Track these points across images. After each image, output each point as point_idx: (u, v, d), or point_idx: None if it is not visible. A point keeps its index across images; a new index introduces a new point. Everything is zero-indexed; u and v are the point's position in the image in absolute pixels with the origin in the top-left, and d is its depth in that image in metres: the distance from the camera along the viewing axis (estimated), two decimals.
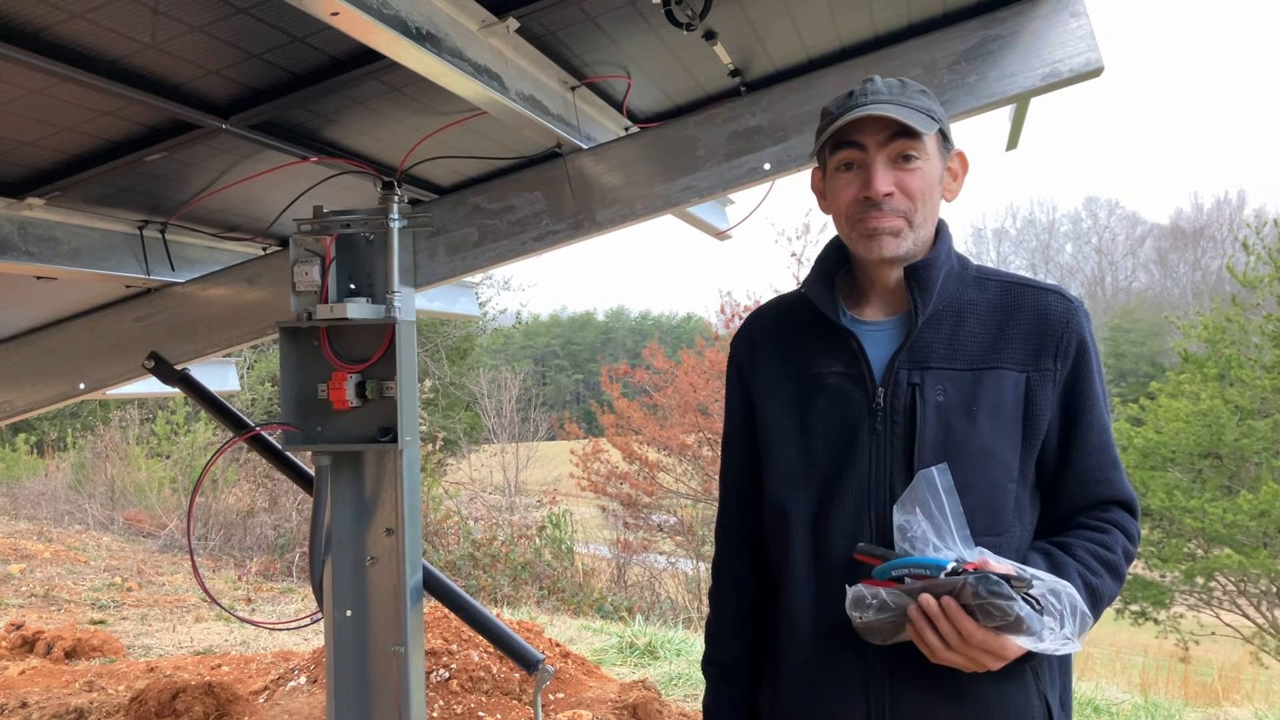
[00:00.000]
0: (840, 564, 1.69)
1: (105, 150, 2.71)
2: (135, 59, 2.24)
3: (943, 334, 1.73)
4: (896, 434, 1.69)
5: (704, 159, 3.03)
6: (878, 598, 1.56)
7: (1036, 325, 1.72)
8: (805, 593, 1.74)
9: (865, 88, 1.72)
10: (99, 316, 3.72)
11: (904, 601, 1.55)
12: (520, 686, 5.57)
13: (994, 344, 1.72)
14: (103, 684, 6.19)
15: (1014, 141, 3.69)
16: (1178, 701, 7.37)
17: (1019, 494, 1.69)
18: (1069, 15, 2.75)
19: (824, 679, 1.71)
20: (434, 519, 13.43)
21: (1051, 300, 1.75)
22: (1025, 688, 1.67)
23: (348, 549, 3.01)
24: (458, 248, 3.20)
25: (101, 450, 17.69)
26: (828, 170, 1.79)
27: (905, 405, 1.69)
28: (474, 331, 24.25)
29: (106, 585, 10.82)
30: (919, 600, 1.53)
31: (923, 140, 1.70)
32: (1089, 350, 1.74)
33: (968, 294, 1.76)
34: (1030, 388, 1.70)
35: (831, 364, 1.77)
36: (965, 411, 1.68)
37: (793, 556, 1.76)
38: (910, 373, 1.70)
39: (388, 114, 2.82)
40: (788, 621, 1.76)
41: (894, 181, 1.70)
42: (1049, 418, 1.70)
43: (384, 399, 2.91)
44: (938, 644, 1.52)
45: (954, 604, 1.50)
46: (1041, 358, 1.71)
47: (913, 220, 1.72)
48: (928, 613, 1.52)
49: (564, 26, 2.60)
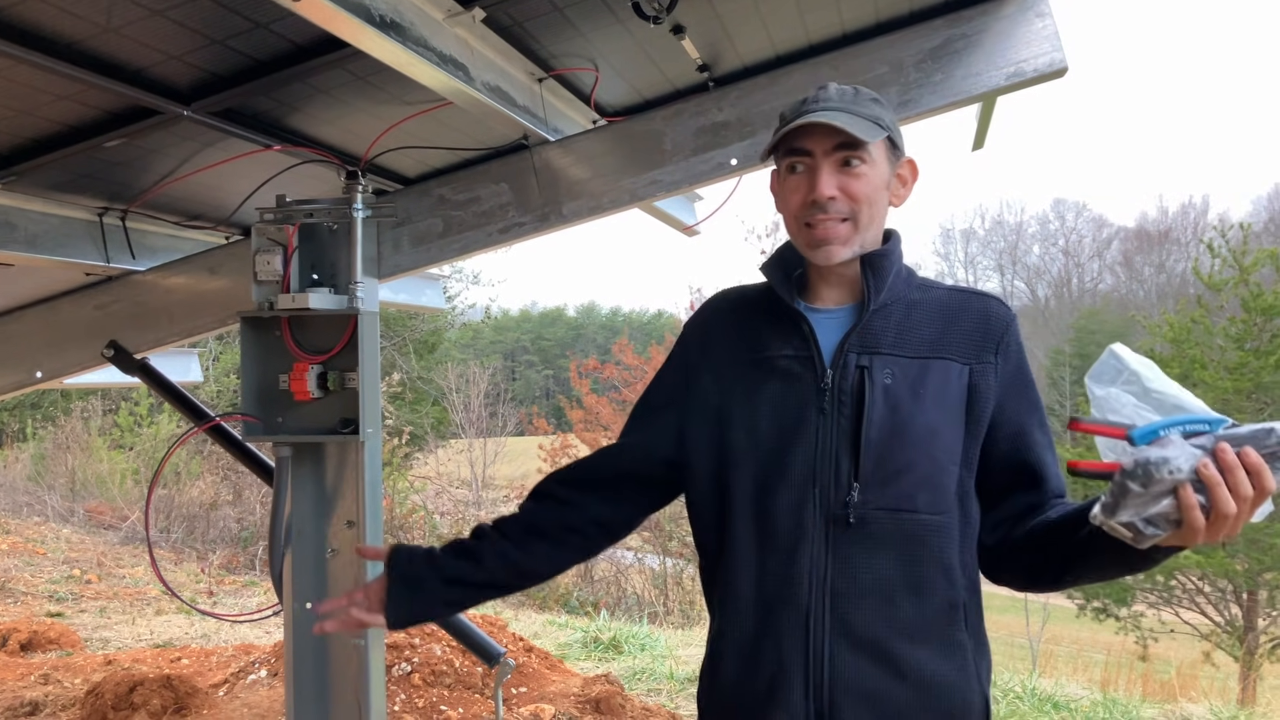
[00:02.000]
0: (783, 535, 1.71)
1: (64, 135, 2.66)
2: (94, 42, 2.21)
3: (891, 324, 1.78)
4: (844, 414, 1.72)
5: (671, 154, 3.03)
6: (1185, 450, 1.42)
7: (979, 324, 1.79)
8: (747, 566, 1.75)
9: (818, 95, 1.78)
10: (57, 304, 3.67)
11: (1201, 457, 1.42)
12: (483, 681, 5.55)
13: (939, 338, 1.77)
14: (59, 677, 6.12)
15: (980, 141, 3.71)
16: (1136, 698, 7.47)
17: (962, 478, 1.73)
18: (1034, 15, 2.77)
19: (763, 652, 1.72)
20: (400, 513, 13.37)
21: (993, 304, 1.83)
22: (965, 672, 1.71)
23: (308, 541, 2.99)
24: (422, 239, 3.19)
25: (62, 441, 17.45)
26: (779, 174, 1.85)
27: (853, 387, 1.73)
28: (443, 325, 24.13)
29: (65, 578, 10.69)
30: (1218, 452, 1.41)
31: (867, 148, 1.75)
32: (1024, 356, 1.82)
33: (914, 295, 1.83)
34: (973, 379, 1.75)
35: (783, 347, 1.80)
36: (912, 394, 1.72)
37: (735, 529, 1.77)
38: (859, 356, 1.74)
39: (352, 103, 2.80)
40: (730, 595, 1.78)
41: (838, 185, 1.75)
42: (990, 409, 1.75)
43: (346, 390, 2.90)
44: (1229, 501, 1.41)
45: (1257, 455, 1.41)
46: (984, 353, 1.77)
47: (858, 221, 1.76)
48: (1225, 465, 1.41)
49: (531, 18, 2.59)
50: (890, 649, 1.66)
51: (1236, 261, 16.86)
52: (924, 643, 1.69)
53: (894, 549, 1.69)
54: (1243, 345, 16.39)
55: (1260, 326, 16.37)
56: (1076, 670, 9.21)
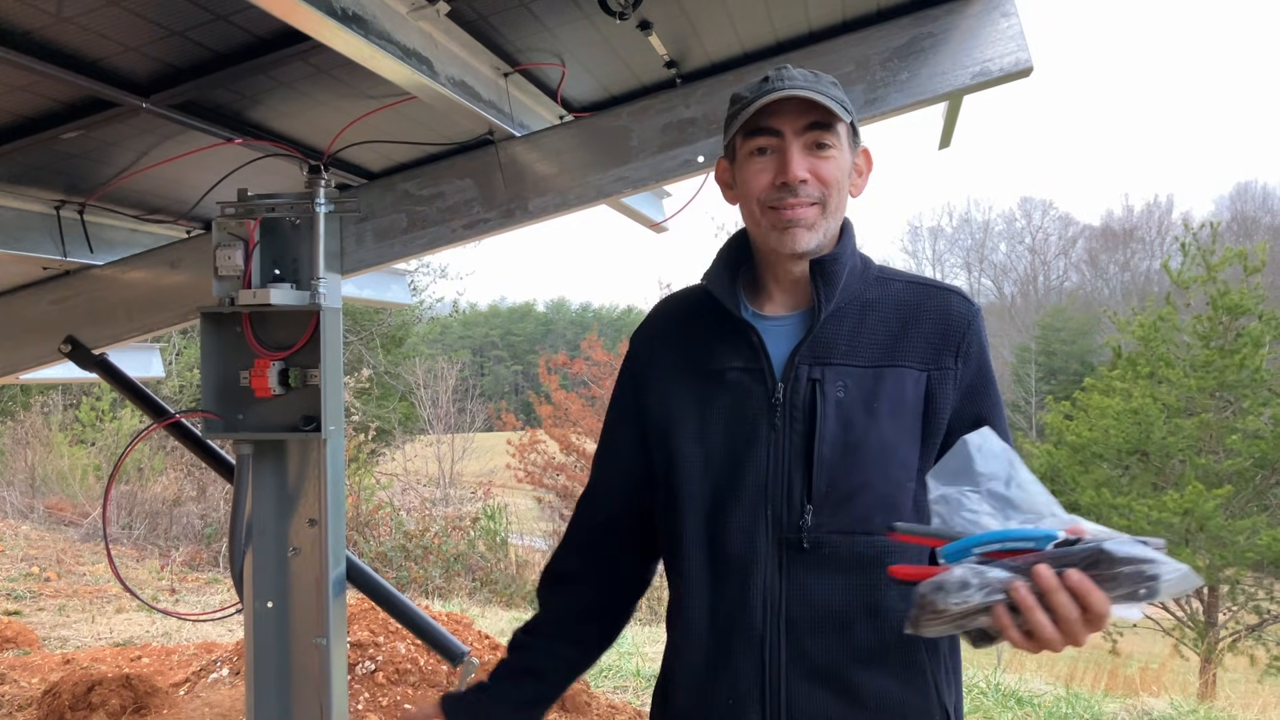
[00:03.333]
0: (735, 560, 1.66)
1: (18, 126, 2.61)
2: (49, 32, 2.16)
3: (845, 330, 1.71)
4: (796, 430, 1.66)
5: (637, 150, 3.02)
6: (981, 577, 1.33)
7: (938, 325, 1.71)
8: (700, 590, 1.70)
9: (780, 74, 1.69)
10: (12, 299, 3.60)
11: (1007, 579, 1.33)
12: (448, 679, 5.52)
13: (895, 342, 1.70)
14: (15, 676, 6.03)
15: (946, 140, 3.72)
16: (1099, 693, 7.54)
17: (918, 493, 1.66)
18: (1000, 15, 2.78)
19: (718, 679, 1.67)
20: (365, 510, 13.29)
21: (954, 301, 1.75)
22: (927, 695, 1.66)
23: (269, 540, 2.96)
24: (386, 234, 3.15)
25: (21, 436, 17.21)
26: (738, 158, 1.75)
27: (805, 401, 1.66)
28: (410, 320, 24.01)
29: (24, 575, 10.55)
30: (1033, 574, 1.32)
31: (836, 130, 1.69)
32: (987, 354, 1.74)
33: (870, 292, 1.75)
34: (930, 386, 1.68)
35: (731, 359, 1.73)
36: (865, 408, 1.65)
37: (686, 552, 1.72)
38: (811, 368, 1.67)
39: (315, 96, 2.77)
40: (682, 619, 1.72)
41: (809, 168, 1.67)
42: (947, 417, 1.69)
43: (308, 387, 2.86)
44: (1046, 625, 1.32)
45: (1082, 576, 1.31)
46: (943, 357, 1.70)
47: (827, 206, 1.69)
48: (1044, 588, 1.31)
49: (496, 12, 2.57)
50: (848, 677, 1.61)
51: (1204, 260, 17.09)
52: (882, 667, 1.63)
53: (850, 573, 1.63)
54: (1209, 343, 16.61)
55: (1226, 325, 16.60)
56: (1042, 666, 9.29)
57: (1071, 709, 6.56)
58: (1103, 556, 1.31)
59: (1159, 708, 6.85)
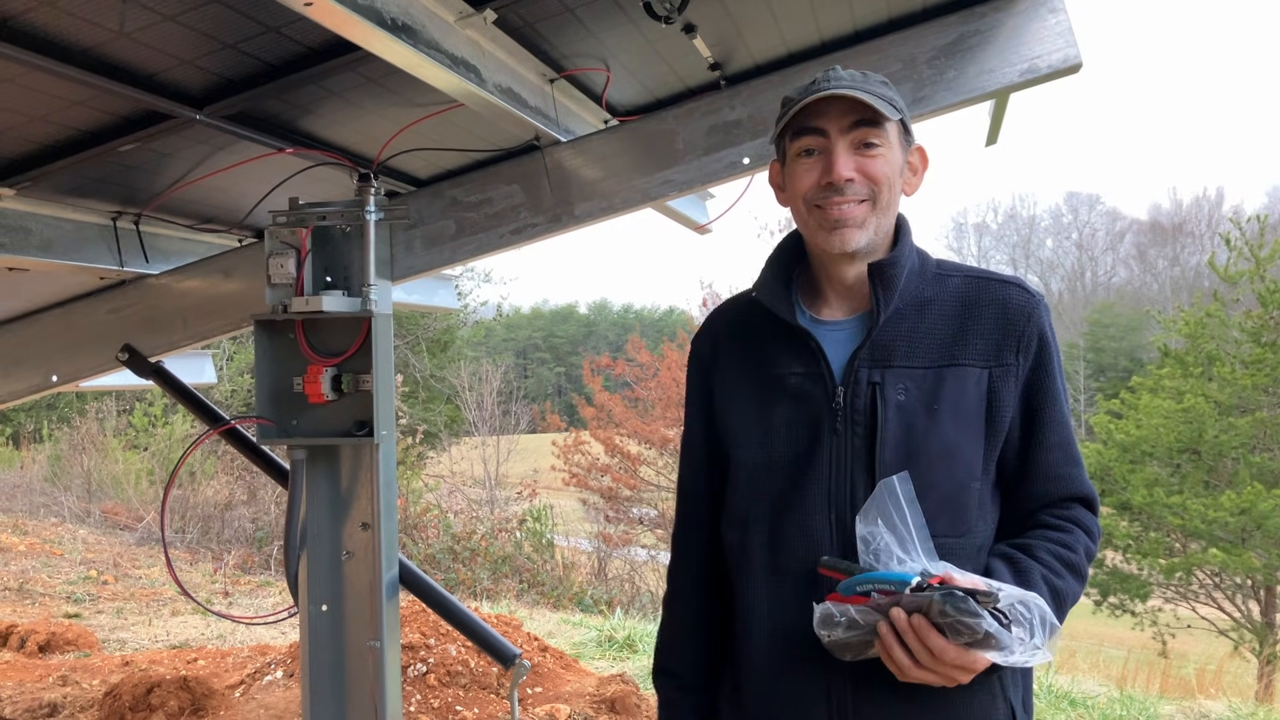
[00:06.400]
0: (799, 566, 1.66)
1: (78, 140, 2.67)
2: (107, 48, 2.21)
3: (903, 331, 1.70)
4: (857, 434, 1.66)
5: (683, 153, 3.02)
6: (846, 615, 1.51)
7: (998, 319, 1.70)
8: (762, 597, 1.70)
9: (828, 74, 1.70)
10: (72, 308, 3.68)
11: (873, 619, 1.50)
12: (498, 681, 5.55)
13: (955, 340, 1.69)
14: (77, 678, 6.14)
15: (994, 137, 3.69)
16: (1153, 695, 7.43)
17: (981, 493, 1.66)
18: (1047, 11, 2.75)
19: (785, 687, 1.68)
20: (413, 512, 13.38)
21: (1013, 293, 1.72)
22: (991, 692, 1.65)
23: (323, 544, 3.00)
24: (435, 240, 3.18)
25: (78, 442, 17.52)
26: (787, 159, 1.76)
27: (866, 405, 1.66)
28: (455, 324, 24.17)
29: (82, 578, 10.74)
30: (889, 617, 1.48)
31: (884, 128, 1.68)
32: (1050, 345, 1.71)
33: (928, 290, 1.74)
34: (993, 384, 1.67)
35: (791, 364, 1.73)
36: (927, 410, 1.65)
37: (751, 559, 1.72)
38: (871, 371, 1.67)
39: (364, 105, 2.80)
40: (745, 628, 1.73)
41: (856, 167, 1.67)
42: (1011, 414, 1.68)
43: (360, 392, 2.89)
44: (907, 661, 1.48)
45: (923, 621, 1.46)
46: (1004, 353, 1.68)
47: (877, 203, 1.69)
48: (898, 629, 1.47)
49: (542, 19, 2.59)
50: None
51: (1253, 254, 16.71)
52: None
53: None
54: (1259, 340, 16.24)
55: (1278, 320, 16.22)
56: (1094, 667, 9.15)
57: (1126, 711, 6.46)
58: (931, 606, 1.45)
59: (1216, 710, 6.72)
